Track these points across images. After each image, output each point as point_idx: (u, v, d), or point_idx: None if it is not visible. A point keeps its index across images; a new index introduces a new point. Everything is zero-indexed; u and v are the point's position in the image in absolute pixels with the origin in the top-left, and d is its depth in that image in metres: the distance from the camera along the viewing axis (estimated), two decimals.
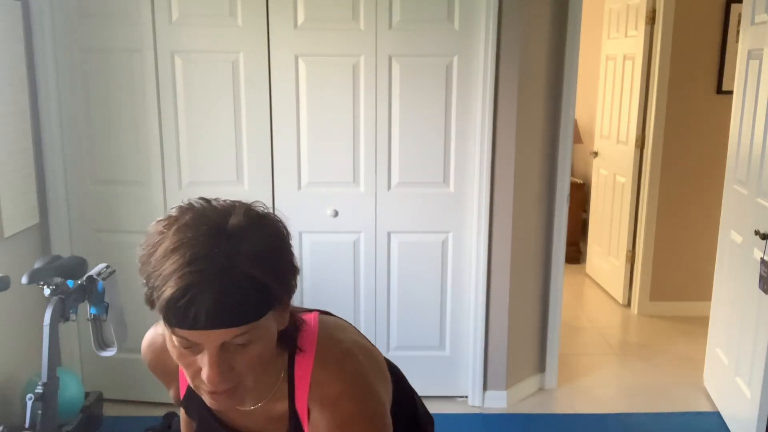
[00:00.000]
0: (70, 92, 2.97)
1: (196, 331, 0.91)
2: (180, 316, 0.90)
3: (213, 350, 0.92)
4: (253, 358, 0.97)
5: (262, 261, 0.93)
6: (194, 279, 0.88)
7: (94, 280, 2.28)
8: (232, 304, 0.89)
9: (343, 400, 1.05)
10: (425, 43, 2.96)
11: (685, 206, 4.42)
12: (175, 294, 0.89)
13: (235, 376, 0.96)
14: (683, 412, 3.25)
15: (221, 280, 0.89)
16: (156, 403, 3.23)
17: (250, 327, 0.93)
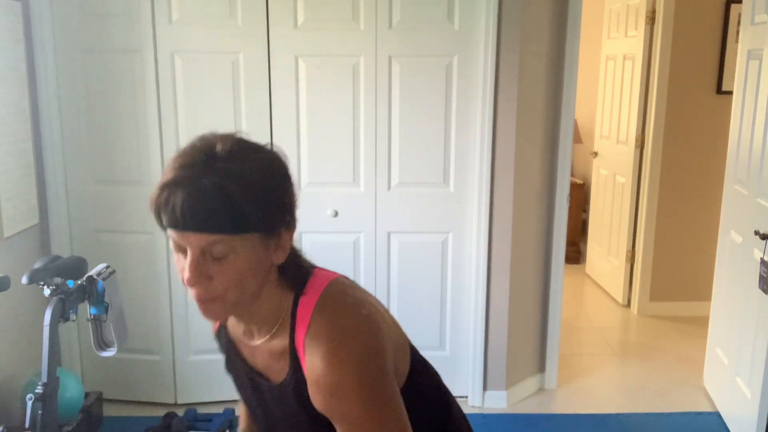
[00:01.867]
0: (70, 92, 2.97)
1: (177, 232, 1.05)
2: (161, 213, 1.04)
3: (193, 254, 1.04)
4: (231, 274, 1.04)
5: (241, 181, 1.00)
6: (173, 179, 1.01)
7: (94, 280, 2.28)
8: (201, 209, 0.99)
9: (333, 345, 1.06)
10: (425, 43, 2.96)
11: (685, 206, 4.42)
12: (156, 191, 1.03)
13: (214, 287, 1.05)
14: (683, 412, 3.25)
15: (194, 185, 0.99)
16: (156, 403, 3.24)
17: (222, 239, 1.01)
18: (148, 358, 3.21)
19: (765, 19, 2.85)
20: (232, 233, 1.02)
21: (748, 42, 3.06)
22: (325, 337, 1.07)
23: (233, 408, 3.16)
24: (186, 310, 3.16)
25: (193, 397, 3.25)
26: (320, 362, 1.06)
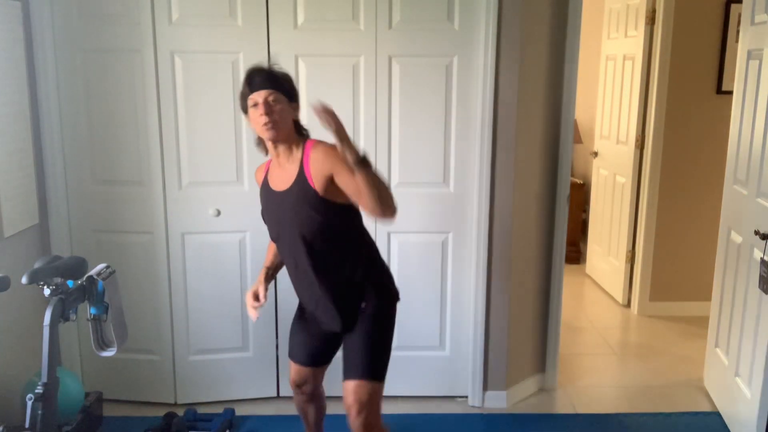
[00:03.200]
0: (70, 92, 2.97)
1: (256, 92, 2.10)
2: (250, 85, 2.11)
3: (264, 99, 2.09)
4: (280, 111, 2.11)
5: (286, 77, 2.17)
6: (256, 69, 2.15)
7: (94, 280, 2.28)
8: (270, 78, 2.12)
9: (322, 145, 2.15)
10: (425, 43, 2.96)
11: (685, 206, 4.42)
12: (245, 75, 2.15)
13: (273, 117, 2.09)
14: (683, 412, 3.25)
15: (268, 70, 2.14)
16: (156, 403, 3.24)
17: (276, 94, 2.11)
18: (148, 358, 3.21)
19: (765, 19, 2.85)
20: (279, 92, 2.12)
21: (748, 42, 3.06)
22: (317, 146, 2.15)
23: (233, 408, 3.16)
24: (186, 310, 3.17)
25: (193, 397, 3.25)
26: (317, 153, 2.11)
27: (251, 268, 3.16)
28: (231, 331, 3.22)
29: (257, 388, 3.29)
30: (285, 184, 2.16)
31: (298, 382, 2.47)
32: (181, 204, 3.06)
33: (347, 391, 2.22)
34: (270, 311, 3.21)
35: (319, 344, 2.39)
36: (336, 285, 2.21)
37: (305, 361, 2.42)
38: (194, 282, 3.15)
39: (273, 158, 2.22)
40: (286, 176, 2.17)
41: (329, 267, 2.18)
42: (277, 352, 3.27)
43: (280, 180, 2.19)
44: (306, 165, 2.12)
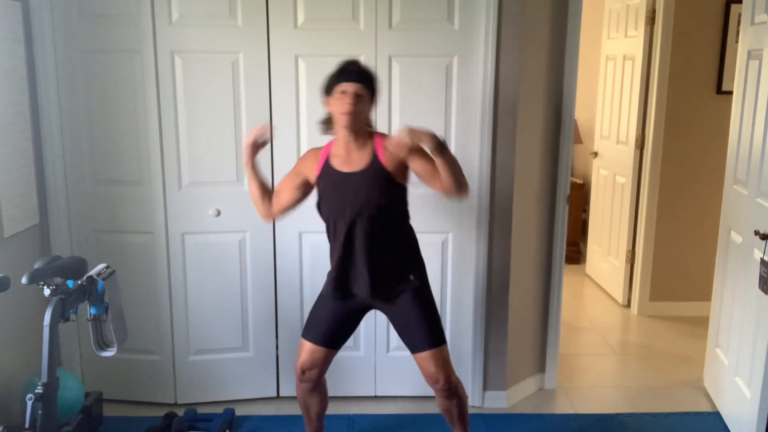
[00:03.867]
0: (70, 92, 2.97)
1: (348, 83, 2.30)
2: (343, 75, 2.32)
3: (351, 91, 2.30)
4: (362, 106, 2.33)
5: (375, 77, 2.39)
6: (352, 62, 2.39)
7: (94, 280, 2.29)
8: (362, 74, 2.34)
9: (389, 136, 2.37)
10: (425, 43, 2.96)
11: (685, 206, 4.42)
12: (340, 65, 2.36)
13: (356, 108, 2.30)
14: (683, 412, 3.25)
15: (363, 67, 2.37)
16: (156, 403, 3.24)
17: (364, 90, 2.32)
18: (148, 358, 3.21)
19: (765, 19, 2.85)
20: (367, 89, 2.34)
21: (748, 42, 3.06)
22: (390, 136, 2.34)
23: (233, 408, 3.16)
24: (186, 310, 3.17)
25: (193, 397, 3.25)
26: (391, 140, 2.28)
27: (251, 268, 3.16)
28: (231, 331, 3.22)
29: (257, 388, 3.29)
30: (356, 167, 2.38)
31: (306, 365, 2.53)
32: (181, 204, 3.07)
33: (427, 361, 2.44)
34: (270, 311, 3.21)
35: (339, 326, 2.52)
36: (386, 259, 2.42)
37: (321, 341, 2.51)
38: (194, 282, 3.15)
39: (341, 144, 2.40)
40: (356, 160, 2.39)
41: (383, 241, 2.41)
42: (277, 352, 3.27)
43: (347, 163, 2.39)
44: (379, 151, 2.38)
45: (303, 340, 2.55)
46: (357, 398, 3.30)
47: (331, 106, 2.37)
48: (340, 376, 3.29)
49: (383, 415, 3.16)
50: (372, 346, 3.27)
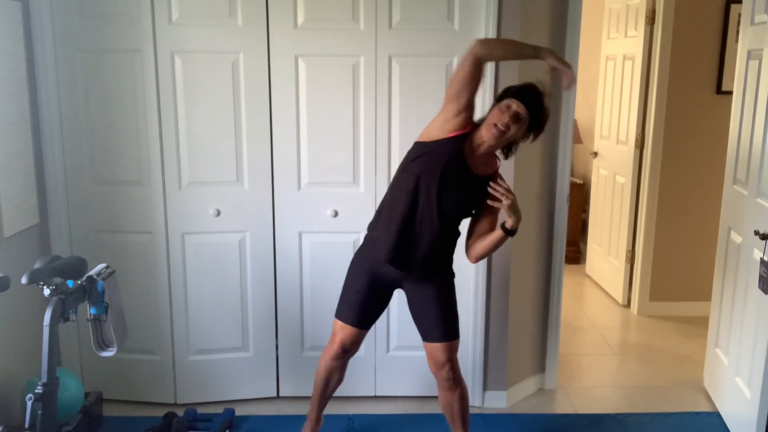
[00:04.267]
0: (70, 92, 2.97)
1: (519, 102, 2.29)
2: (520, 93, 2.31)
3: (514, 111, 2.29)
4: (515, 130, 2.31)
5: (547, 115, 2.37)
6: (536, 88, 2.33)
7: (94, 280, 2.29)
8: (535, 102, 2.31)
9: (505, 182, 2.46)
10: (425, 43, 2.96)
11: (685, 206, 4.42)
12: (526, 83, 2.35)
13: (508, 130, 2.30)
14: (683, 412, 3.25)
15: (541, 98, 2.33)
16: (156, 403, 3.24)
17: (528, 119, 2.31)
18: (148, 358, 3.21)
19: (765, 19, 2.85)
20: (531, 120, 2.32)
21: (748, 42, 3.06)
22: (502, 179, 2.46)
23: (233, 408, 3.16)
24: (186, 310, 3.17)
25: (193, 397, 3.25)
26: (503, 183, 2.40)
27: (251, 268, 3.16)
28: (231, 331, 3.22)
29: (257, 388, 3.29)
30: (475, 170, 2.40)
31: (348, 346, 2.62)
32: (181, 204, 3.06)
33: (440, 350, 2.55)
34: (270, 311, 3.21)
35: (376, 310, 2.62)
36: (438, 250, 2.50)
37: (362, 324, 2.60)
38: (194, 282, 3.15)
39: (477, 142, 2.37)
40: (478, 165, 2.40)
41: (445, 236, 2.48)
42: (277, 352, 3.27)
43: (473, 161, 2.39)
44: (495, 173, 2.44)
45: (343, 324, 2.59)
46: (357, 398, 3.30)
47: (491, 113, 2.34)
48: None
49: (383, 415, 3.16)
50: (372, 346, 3.27)
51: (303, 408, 3.23)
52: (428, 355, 2.60)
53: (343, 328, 2.60)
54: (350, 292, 2.59)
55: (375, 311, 2.62)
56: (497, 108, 2.32)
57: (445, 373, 2.58)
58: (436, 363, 2.58)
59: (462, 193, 2.41)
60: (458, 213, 2.47)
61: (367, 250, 2.56)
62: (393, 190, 2.49)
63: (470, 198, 2.44)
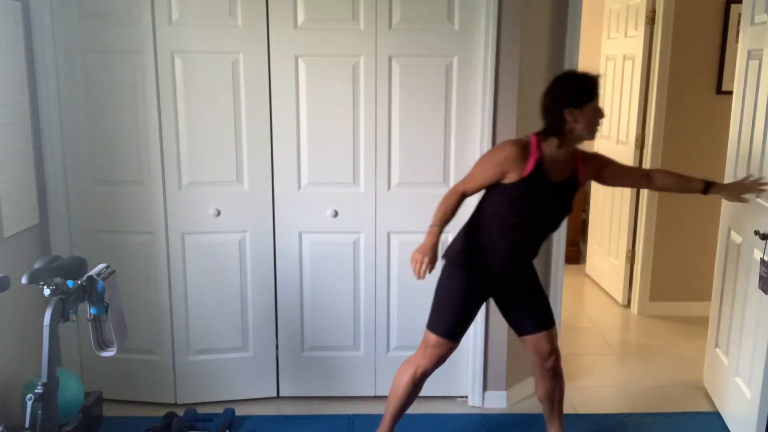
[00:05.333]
0: (70, 92, 2.97)
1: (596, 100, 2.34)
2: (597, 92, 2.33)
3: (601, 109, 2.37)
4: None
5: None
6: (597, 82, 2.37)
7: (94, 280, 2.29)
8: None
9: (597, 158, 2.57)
10: (425, 43, 2.96)
11: (685, 206, 4.42)
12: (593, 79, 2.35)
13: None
14: (683, 412, 3.25)
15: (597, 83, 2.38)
16: (156, 403, 3.24)
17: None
18: (148, 358, 3.21)
19: (765, 19, 2.85)
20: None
21: (748, 42, 3.06)
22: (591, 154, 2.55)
23: (233, 408, 3.16)
24: (186, 310, 3.17)
25: (193, 397, 3.25)
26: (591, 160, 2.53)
27: (251, 268, 3.16)
28: (231, 331, 3.22)
29: (257, 388, 3.29)
30: (561, 176, 2.41)
31: (445, 359, 2.62)
32: (181, 204, 3.07)
33: (545, 340, 2.61)
34: (270, 311, 3.21)
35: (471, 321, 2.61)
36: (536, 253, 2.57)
37: (459, 338, 2.59)
38: (194, 282, 3.15)
39: (553, 149, 2.38)
40: (563, 170, 2.42)
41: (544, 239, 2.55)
42: (277, 352, 3.27)
43: (556, 171, 2.40)
44: (579, 165, 2.47)
45: (439, 338, 2.54)
46: (357, 398, 3.30)
47: (578, 118, 2.32)
48: (340, 376, 3.29)
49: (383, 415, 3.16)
50: (372, 346, 3.27)
51: (303, 408, 3.23)
52: (531, 348, 2.64)
53: (441, 343, 2.55)
54: (447, 304, 2.54)
55: (470, 321, 2.60)
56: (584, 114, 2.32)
57: (551, 362, 2.64)
58: (542, 353, 2.63)
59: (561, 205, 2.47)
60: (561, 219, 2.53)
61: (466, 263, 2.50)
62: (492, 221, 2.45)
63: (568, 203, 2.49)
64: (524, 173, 2.34)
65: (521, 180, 2.34)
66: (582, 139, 2.38)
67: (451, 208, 2.40)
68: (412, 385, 2.62)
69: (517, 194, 2.37)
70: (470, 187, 2.43)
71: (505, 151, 2.35)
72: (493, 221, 2.44)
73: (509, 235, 2.45)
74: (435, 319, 2.56)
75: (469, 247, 2.49)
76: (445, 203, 2.40)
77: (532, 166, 2.34)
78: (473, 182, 2.42)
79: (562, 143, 2.37)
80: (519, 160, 2.34)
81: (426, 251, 2.30)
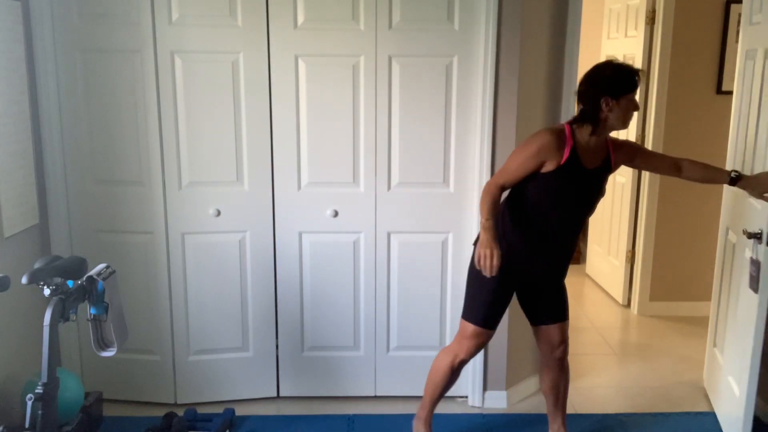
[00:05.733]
0: (70, 92, 2.97)
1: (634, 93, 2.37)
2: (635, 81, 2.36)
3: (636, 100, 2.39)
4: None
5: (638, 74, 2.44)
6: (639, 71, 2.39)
7: (94, 280, 2.29)
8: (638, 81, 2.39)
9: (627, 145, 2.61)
10: (425, 43, 2.96)
11: (685, 206, 4.42)
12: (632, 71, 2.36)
13: None
14: (683, 413, 3.25)
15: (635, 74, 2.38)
16: (156, 403, 3.24)
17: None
18: (148, 358, 3.21)
19: (760, 19, 2.85)
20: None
21: (747, 42, 3.06)
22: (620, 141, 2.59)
23: (233, 408, 3.16)
24: (186, 310, 3.17)
25: (193, 397, 3.25)
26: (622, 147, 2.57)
27: (251, 268, 3.16)
28: (231, 331, 3.22)
29: (257, 388, 3.29)
30: (594, 163, 2.47)
31: (482, 348, 2.69)
32: (181, 204, 3.07)
33: (557, 331, 2.68)
34: (270, 311, 3.21)
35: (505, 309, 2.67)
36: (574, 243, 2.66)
37: (495, 326, 2.64)
38: (194, 282, 3.15)
39: (586, 137, 2.43)
40: (595, 157, 2.47)
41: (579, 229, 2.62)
42: (277, 352, 3.27)
43: (590, 158, 2.46)
44: (611, 150, 2.52)
45: (476, 327, 2.59)
46: (357, 398, 3.30)
47: (613, 108, 2.36)
48: (340, 376, 3.29)
49: (383, 415, 3.17)
50: (372, 346, 3.27)
51: (303, 408, 3.23)
52: (543, 337, 2.70)
53: (478, 332, 2.60)
54: (481, 293, 2.57)
55: (505, 308, 2.66)
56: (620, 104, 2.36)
57: (560, 352, 2.69)
58: (552, 344, 2.69)
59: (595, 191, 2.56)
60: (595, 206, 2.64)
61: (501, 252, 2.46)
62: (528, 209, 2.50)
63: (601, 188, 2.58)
64: (561, 161, 2.39)
65: (558, 168, 2.39)
66: (614, 129, 2.42)
67: (496, 201, 2.44)
68: (450, 372, 2.69)
69: (553, 183, 2.41)
70: (509, 179, 2.45)
71: (542, 140, 2.38)
72: (529, 209, 2.48)
73: (544, 222, 2.49)
74: (470, 309, 2.60)
75: (505, 236, 2.51)
76: (489, 197, 2.43)
77: (568, 154, 2.39)
78: (512, 174, 2.44)
79: (594, 131, 2.41)
80: (556, 149, 2.38)
81: (491, 245, 2.37)
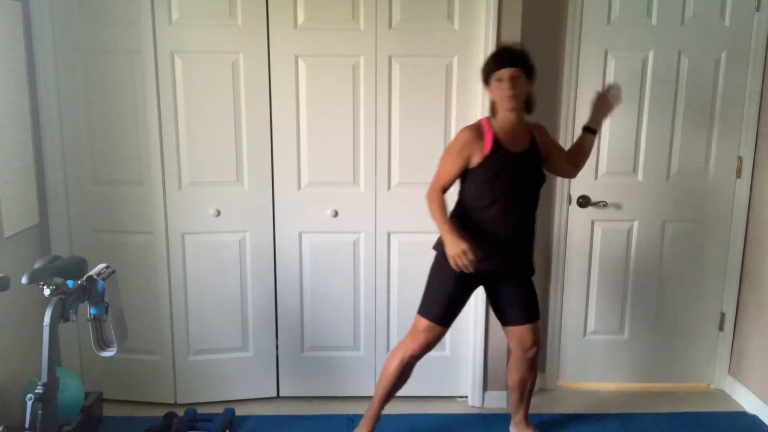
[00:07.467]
0: (70, 92, 2.97)
1: (502, 70, 2.44)
2: (496, 62, 2.46)
3: (507, 77, 2.43)
4: (521, 88, 2.45)
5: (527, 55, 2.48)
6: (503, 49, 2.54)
7: (94, 280, 2.29)
8: (515, 58, 2.46)
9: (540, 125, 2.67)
10: (425, 43, 2.96)
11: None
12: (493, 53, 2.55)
13: (515, 91, 2.43)
14: (684, 412, 3.25)
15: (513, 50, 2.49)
16: (156, 403, 3.24)
17: (518, 71, 2.44)
18: (148, 358, 3.21)
19: None
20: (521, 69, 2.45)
21: None
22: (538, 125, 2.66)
23: (233, 408, 3.16)
24: (186, 310, 3.17)
25: (193, 397, 3.25)
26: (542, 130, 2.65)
27: (251, 268, 3.16)
28: (231, 331, 3.22)
29: (257, 388, 3.29)
30: (522, 147, 2.54)
31: (434, 345, 2.69)
32: (181, 204, 3.07)
33: (528, 331, 2.69)
34: (270, 311, 3.21)
35: (460, 307, 2.69)
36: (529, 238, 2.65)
37: (450, 323, 2.67)
38: (194, 282, 3.15)
39: (505, 125, 2.51)
40: (521, 141, 2.54)
41: (531, 222, 2.63)
42: (277, 352, 3.27)
43: (515, 143, 2.53)
44: (534, 134, 2.59)
45: (430, 323, 2.64)
46: (357, 398, 3.30)
47: (492, 93, 2.50)
48: (340, 376, 3.29)
49: (383, 415, 3.16)
50: (372, 346, 3.27)
51: (303, 408, 3.23)
52: (515, 339, 2.72)
53: (431, 327, 2.64)
54: (438, 290, 2.64)
55: (461, 308, 2.68)
56: (492, 87, 2.49)
57: (532, 353, 2.73)
58: (524, 345, 2.71)
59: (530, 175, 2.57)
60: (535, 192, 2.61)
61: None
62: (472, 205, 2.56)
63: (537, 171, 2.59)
64: (486, 151, 2.48)
65: (485, 158, 2.48)
66: (506, 111, 2.48)
67: (442, 204, 2.57)
68: (400, 368, 2.71)
69: (486, 172, 2.49)
70: (445, 180, 2.56)
71: (462, 136, 2.51)
72: (473, 205, 2.55)
73: (489, 215, 2.53)
74: (426, 304, 2.66)
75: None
76: (435, 203, 2.57)
77: (491, 143, 2.48)
78: (446, 175, 2.55)
79: (494, 115, 2.53)
80: (476, 140, 2.49)
81: (458, 245, 2.45)
